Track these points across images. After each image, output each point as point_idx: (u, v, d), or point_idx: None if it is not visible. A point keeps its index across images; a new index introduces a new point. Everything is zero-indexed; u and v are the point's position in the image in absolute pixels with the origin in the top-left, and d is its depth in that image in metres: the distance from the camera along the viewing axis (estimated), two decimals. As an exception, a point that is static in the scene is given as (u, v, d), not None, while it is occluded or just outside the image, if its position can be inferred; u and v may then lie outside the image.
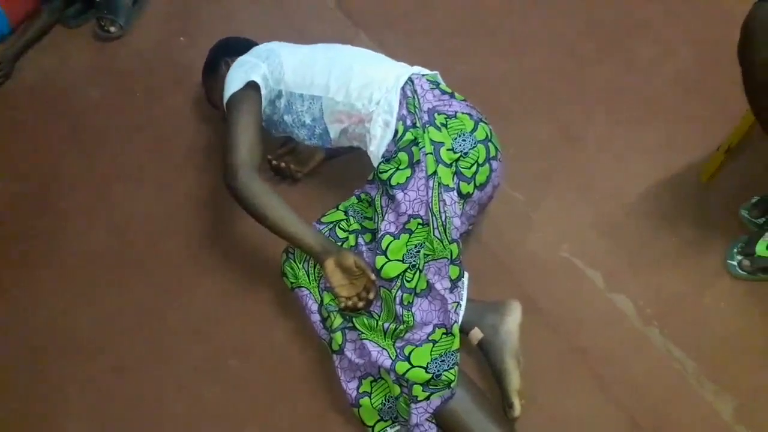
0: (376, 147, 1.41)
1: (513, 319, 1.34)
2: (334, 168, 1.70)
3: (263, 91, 1.46)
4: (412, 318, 1.26)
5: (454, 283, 1.31)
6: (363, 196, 1.43)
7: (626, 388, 1.31)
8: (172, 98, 1.93)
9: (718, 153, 1.51)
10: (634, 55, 1.84)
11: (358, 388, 1.30)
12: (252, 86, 1.44)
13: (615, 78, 1.80)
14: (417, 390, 1.22)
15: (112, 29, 2.11)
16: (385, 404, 1.29)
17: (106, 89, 2.00)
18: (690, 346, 1.34)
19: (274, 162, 1.68)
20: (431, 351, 1.24)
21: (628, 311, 1.40)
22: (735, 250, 1.44)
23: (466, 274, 1.37)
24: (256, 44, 1.65)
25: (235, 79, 1.45)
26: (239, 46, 1.64)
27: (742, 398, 1.27)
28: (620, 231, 1.53)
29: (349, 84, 1.43)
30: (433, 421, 1.23)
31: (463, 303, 1.33)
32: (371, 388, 1.30)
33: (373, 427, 1.30)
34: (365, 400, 1.29)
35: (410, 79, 1.42)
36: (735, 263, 1.43)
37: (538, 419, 1.28)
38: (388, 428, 1.30)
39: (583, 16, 1.94)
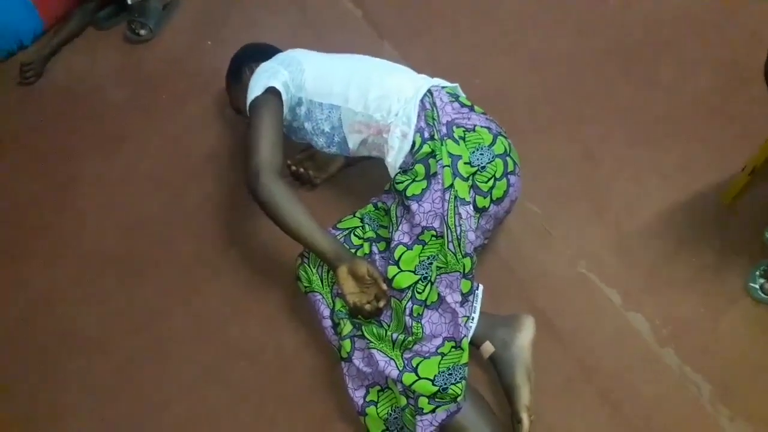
0: (393, 158, 1.41)
1: (525, 334, 1.33)
2: (352, 175, 1.71)
3: (284, 97, 1.47)
4: (421, 330, 1.26)
5: (465, 297, 1.31)
6: (380, 204, 1.43)
7: (638, 409, 1.28)
8: (196, 102, 1.96)
9: (742, 174, 1.48)
10: (656, 75, 1.82)
11: (365, 396, 1.30)
12: (273, 92, 1.46)
13: (636, 97, 1.77)
14: (423, 402, 1.21)
15: (142, 32, 2.16)
16: (391, 414, 1.28)
17: (131, 91, 2.05)
18: (706, 369, 1.31)
19: (293, 167, 1.69)
20: (439, 364, 1.23)
21: (643, 331, 1.38)
22: (757, 273, 1.41)
23: (480, 287, 1.36)
24: (279, 50, 1.67)
25: (257, 85, 1.46)
26: (262, 52, 1.66)
27: (760, 426, 1.23)
28: (638, 250, 1.50)
29: (367, 95, 1.43)
30: (438, 433, 1.22)
31: (476, 316, 1.33)
32: (378, 397, 1.29)
33: (378, 437, 1.30)
34: (371, 409, 1.28)
35: (429, 91, 1.43)
36: (757, 286, 1.40)
37: (545, 437, 1.26)
38: (393, 439, 1.30)
39: (606, 35, 1.93)
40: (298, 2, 2.20)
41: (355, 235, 1.42)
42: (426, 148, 1.35)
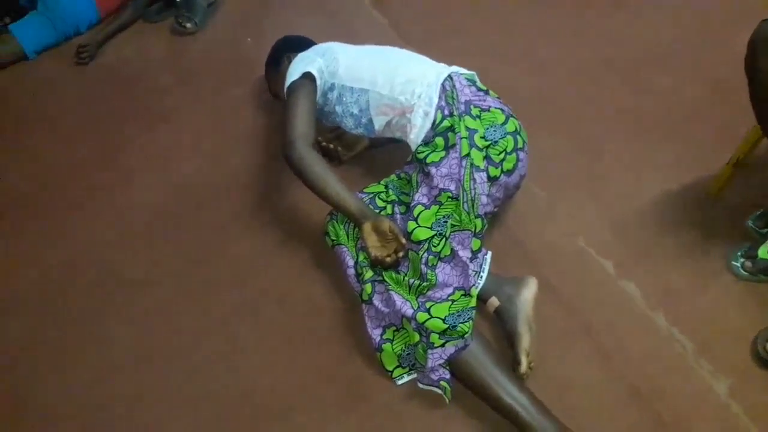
0: (416, 135, 1.58)
1: (529, 291, 1.47)
2: (375, 155, 1.89)
3: (318, 82, 1.65)
4: (435, 277, 1.40)
5: (475, 255, 1.46)
6: (402, 174, 1.59)
7: (628, 360, 1.42)
8: (236, 88, 2.16)
9: (727, 166, 1.65)
10: (652, 84, 2.01)
11: (381, 335, 1.44)
12: (309, 77, 1.64)
13: (633, 102, 1.96)
14: (434, 338, 1.34)
15: (188, 26, 2.37)
16: (404, 351, 1.42)
17: (176, 76, 2.25)
18: (691, 331, 1.45)
19: (323, 143, 1.87)
20: (449, 307, 1.37)
21: (635, 296, 1.52)
22: (739, 253, 1.56)
23: (489, 253, 1.51)
24: (314, 42, 1.86)
25: (295, 70, 1.65)
26: (299, 44, 1.86)
27: (736, 379, 1.36)
28: (632, 229, 1.66)
29: (394, 79, 1.61)
30: (447, 367, 1.36)
31: (484, 275, 1.47)
32: (393, 336, 1.43)
33: (392, 371, 1.43)
34: (387, 346, 1.42)
35: (450, 76, 1.61)
36: (738, 264, 1.55)
37: (543, 382, 1.39)
38: (405, 375, 1.43)
39: (608, 49, 2.13)
40: (329, 9, 2.43)
41: (380, 198, 1.57)
42: (446, 123, 1.52)
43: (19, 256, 1.85)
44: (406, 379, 1.44)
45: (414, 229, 1.44)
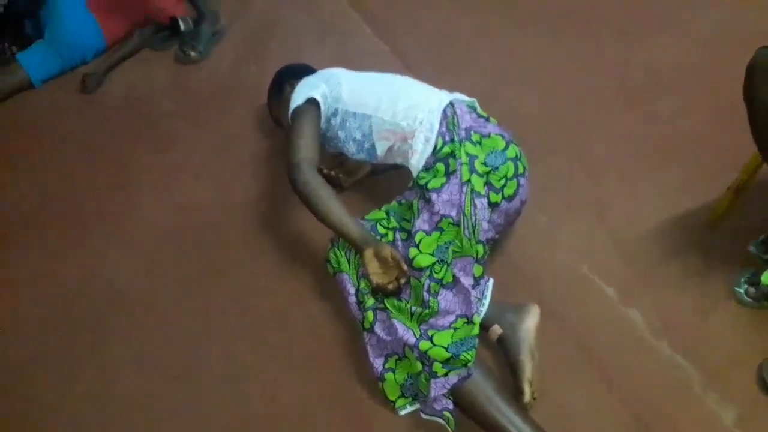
0: (417, 161, 1.59)
1: (531, 319, 1.46)
2: (376, 182, 1.90)
3: (322, 108, 1.67)
4: (437, 305, 1.40)
5: (477, 281, 1.46)
6: (403, 201, 1.60)
7: (632, 388, 1.41)
8: (240, 114, 2.19)
9: (727, 192, 1.65)
10: (655, 110, 2.01)
11: (384, 364, 1.43)
12: (313, 102, 1.66)
13: (636, 128, 1.96)
14: (437, 367, 1.34)
15: (193, 54, 2.41)
16: (407, 380, 1.41)
17: (181, 102, 2.28)
18: (696, 358, 1.44)
19: (325, 171, 1.87)
20: (452, 335, 1.37)
21: (638, 323, 1.52)
22: (742, 279, 1.55)
23: (491, 280, 1.51)
24: (316, 70, 1.89)
25: (299, 96, 1.67)
26: (301, 71, 1.88)
27: (744, 407, 1.35)
28: (635, 256, 1.65)
29: (396, 105, 1.63)
30: (450, 397, 1.35)
31: (486, 302, 1.47)
32: (396, 365, 1.43)
33: (394, 402, 1.42)
34: (389, 375, 1.41)
35: (451, 102, 1.62)
36: (742, 290, 1.54)
37: (547, 411, 1.38)
38: (408, 405, 1.42)
39: (611, 76, 2.13)
40: (332, 37, 2.45)
41: (381, 225, 1.58)
42: (447, 149, 1.53)
43: (22, 276, 1.88)
44: (408, 409, 1.43)
45: (415, 255, 1.44)
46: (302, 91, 1.68)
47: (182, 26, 2.43)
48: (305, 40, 2.47)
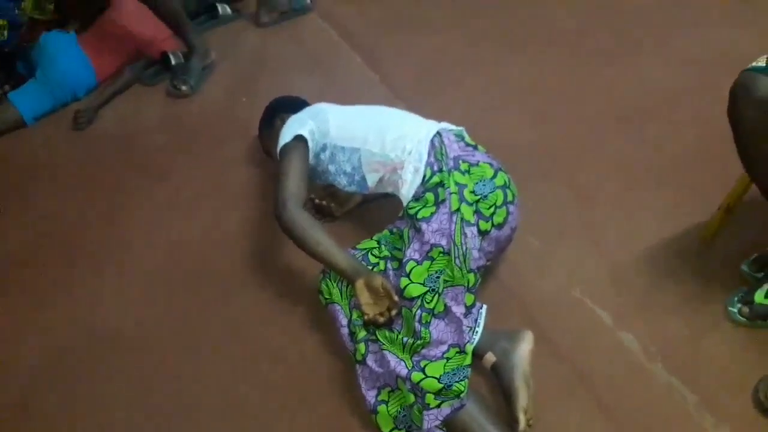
0: (407, 190, 1.60)
1: (525, 345, 1.45)
2: (368, 211, 1.90)
3: (310, 144, 1.69)
4: (429, 335, 1.39)
5: (469, 310, 1.45)
6: (395, 230, 1.60)
7: (628, 412, 1.38)
8: (231, 147, 2.20)
9: (718, 212, 1.66)
10: (645, 133, 2.03)
11: (376, 396, 1.41)
12: (301, 139, 1.67)
13: (627, 151, 1.97)
14: (429, 398, 1.32)
15: (183, 88, 2.43)
16: (400, 413, 1.39)
17: (173, 136, 2.30)
18: (691, 381, 1.42)
19: (316, 201, 1.89)
20: (445, 366, 1.35)
21: (633, 348, 1.50)
22: (736, 298, 1.55)
23: (484, 306, 1.50)
24: (307, 103, 1.91)
25: (287, 133, 1.69)
26: (292, 104, 1.90)
27: (740, 430, 1.33)
28: (628, 279, 1.65)
29: (384, 137, 1.64)
30: (443, 428, 1.33)
31: (479, 330, 1.46)
32: (389, 397, 1.41)
33: (387, 434, 1.40)
34: (382, 408, 1.40)
35: (439, 132, 1.64)
36: (735, 310, 1.53)
37: (543, 438, 1.36)
38: (401, 437, 1.40)
39: (599, 102, 2.16)
40: (321, 67, 2.49)
41: (372, 255, 1.58)
42: (436, 179, 1.54)
43: (17, 316, 1.87)
44: (402, 442, 1.41)
45: (407, 285, 1.44)
46: (290, 129, 1.69)
47: (173, 60, 2.47)
48: (296, 70, 2.50)
